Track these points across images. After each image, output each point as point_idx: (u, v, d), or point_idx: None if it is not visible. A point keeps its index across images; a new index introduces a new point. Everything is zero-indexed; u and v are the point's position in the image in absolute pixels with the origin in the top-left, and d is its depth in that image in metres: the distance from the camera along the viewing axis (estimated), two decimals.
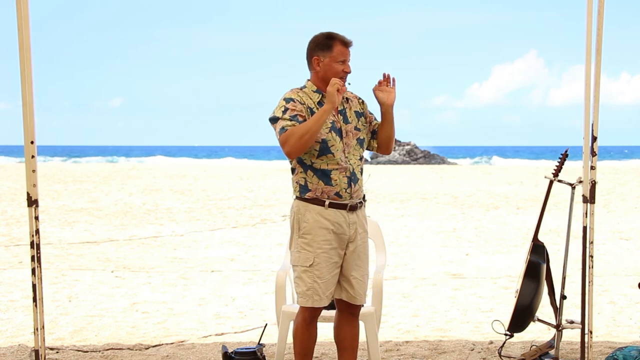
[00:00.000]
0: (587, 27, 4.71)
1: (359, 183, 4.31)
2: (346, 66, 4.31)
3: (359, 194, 4.34)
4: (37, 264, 4.80)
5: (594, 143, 4.79)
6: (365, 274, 4.40)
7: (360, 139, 4.37)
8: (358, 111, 4.41)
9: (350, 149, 4.31)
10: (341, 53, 4.28)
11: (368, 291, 5.02)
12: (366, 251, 4.41)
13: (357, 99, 4.47)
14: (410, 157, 50.03)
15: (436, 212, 16.82)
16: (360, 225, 4.35)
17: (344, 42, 4.29)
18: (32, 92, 4.67)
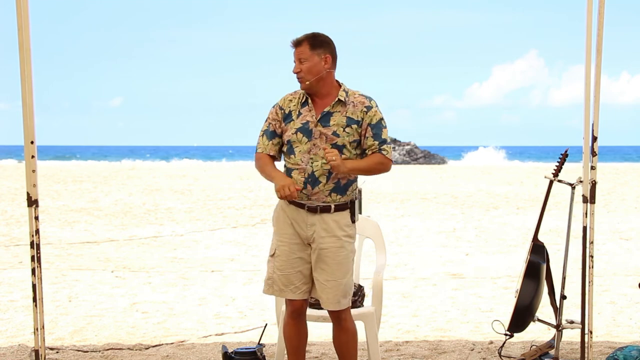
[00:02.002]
0: (587, 27, 4.71)
1: (319, 187, 4.21)
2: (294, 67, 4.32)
3: (320, 197, 4.22)
4: (37, 264, 4.80)
5: (594, 143, 4.79)
6: (332, 279, 4.23)
7: (338, 144, 4.21)
8: (353, 118, 4.23)
9: (319, 151, 4.21)
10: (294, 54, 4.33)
11: (368, 291, 5.03)
12: (335, 257, 4.23)
13: (362, 105, 4.26)
14: (410, 157, 50.02)
15: (436, 212, 16.82)
16: (324, 229, 4.23)
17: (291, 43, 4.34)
18: (32, 92, 4.67)
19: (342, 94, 4.28)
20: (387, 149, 4.27)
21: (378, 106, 4.32)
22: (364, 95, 4.31)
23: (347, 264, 4.28)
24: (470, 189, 23.11)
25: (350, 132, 4.23)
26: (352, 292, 4.36)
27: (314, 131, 4.24)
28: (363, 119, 4.24)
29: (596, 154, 4.81)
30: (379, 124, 4.26)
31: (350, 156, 4.24)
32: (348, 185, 4.27)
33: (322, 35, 4.31)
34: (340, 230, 4.25)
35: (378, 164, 4.25)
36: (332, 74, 4.31)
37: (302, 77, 4.25)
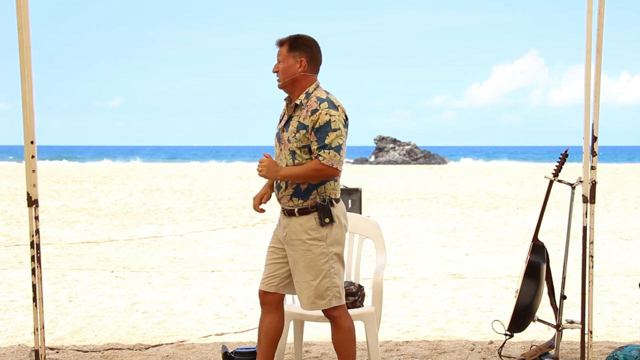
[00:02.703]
0: (587, 27, 4.71)
1: (282, 192, 4.29)
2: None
3: (284, 201, 4.29)
4: (37, 264, 4.80)
5: (594, 143, 4.79)
6: (303, 281, 4.28)
7: (291, 150, 4.23)
8: (303, 123, 4.21)
9: (282, 157, 4.30)
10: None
11: (368, 291, 5.03)
12: (303, 260, 4.26)
13: (310, 108, 4.20)
14: (410, 157, 50.04)
15: (436, 212, 16.82)
16: (292, 232, 4.27)
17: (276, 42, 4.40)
18: (32, 92, 4.67)
19: (302, 97, 4.28)
20: (324, 154, 4.15)
21: (332, 108, 4.19)
22: (318, 98, 4.23)
23: (317, 267, 4.25)
24: (470, 189, 23.11)
25: (299, 138, 4.21)
26: (333, 293, 4.29)
27: (281, 136, 4.33)
28: (309, 124, 4.20)
29: (596, 154, 4.81)
30: (324, 127, 4.16)
31: (301, 162, 4.23)
32: (310, 190, 4.24)
33: (305, 39, 4.34)
34: (305, 233, 4.25)
35: (312, 170, 4.17)
36: (308, 77, 4.31)
37: (279, 77, 4.34)
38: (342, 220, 4.34)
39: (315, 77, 4.35)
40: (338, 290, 4.33)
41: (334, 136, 4.16)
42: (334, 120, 4.18)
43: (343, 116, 4.23)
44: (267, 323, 4.49)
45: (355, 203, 14.54)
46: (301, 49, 4.29)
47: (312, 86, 4.31)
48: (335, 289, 4.31)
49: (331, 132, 4.16)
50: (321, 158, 4.15)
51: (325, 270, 4.26)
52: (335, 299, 4.31)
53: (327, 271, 4.27)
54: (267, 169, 4.22)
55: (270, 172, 4.22)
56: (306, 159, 4.22)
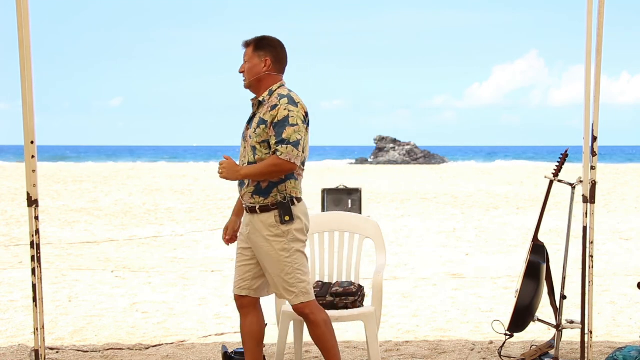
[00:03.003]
0: (587, 27, 4.71)
1: (244, 189, 4.35)
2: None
3: (246, 198, 4.34)
4: (37, 264, 4.80)
5: (594, 143, 4.79)
6: (269, 273, 4.33)
7: (252, 145, 4.30)
8: (263, 118, 4.28)
9: (245, 154, 4.37)
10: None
11: (368, 291, 5.03)
12: (266, 255, 4.31)
13: (271, 104, 4.27)
14: (410, 157, 50.05)
15: (436, 212, 16.82)
16: (254, 229, 4.32)
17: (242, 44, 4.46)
18: (32, 92, 4.67)
19: (265, 94, 4.34)
20: (281, 149, 4.19)
21: (292, 104, 4.24)
22: (279, 95, 4.29)
23: (280, 263, 4.29)
24: (470, 189, 23.12)
25: (259, 133, 4.27)
26: (299, 289, 4.30)
27: (245, 134, 4.41)
28: (268, 119, 4.25)
29: (596, 154, 4.81)
30: (282, 122, 4.21)
31: (261, 157, 4.27)
32: (270, 188, 4.28)
33: (269, 39, 4.42)
34: (266, 230, 4.30)
35: (270, 166, 4.21)
36: (273, 76, 4.37)
37: (244, 76, 4.40)
38: (303, 219, 4.35)
39: (280, 77, 4.41)
40: (304, 286, 4.32)
41: (291, 131, 4.20)
42: (293, 115, 4.22)
43: (302, 112, 4.28)
44: (248, 325, 4.49)
45: (355, 203, 14.54)
46: (266, 49, 4.37)
47: (276, 85, 4.37)
48: (300, 285, 4.31)
49: (289, 127, 4.21)
50: (279, 153, 4.20)
51: (289, 265, 4.29)
52: (303, 295, 4.31)
53: (290, 266, 4.29)
54: (227, 170, 4.26)
55: (230, 172, 4.26)
56: (266, 154, 4.27)
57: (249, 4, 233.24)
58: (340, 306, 4.87)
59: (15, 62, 4.60)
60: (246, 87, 4.42)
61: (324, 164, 50.61)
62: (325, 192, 14.65)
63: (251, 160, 4.31)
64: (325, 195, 14.56)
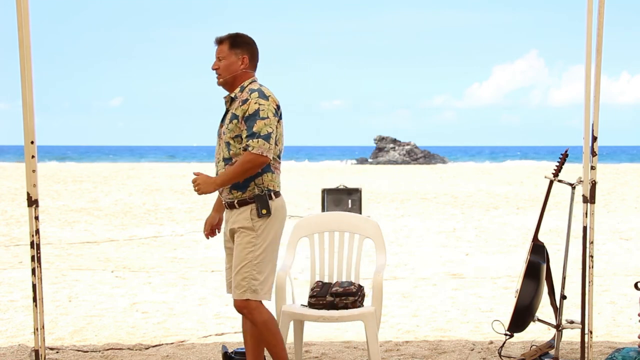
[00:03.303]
0: (587, 27, 4.71)
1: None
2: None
3: (225, 194, 4.35)
4: (37, 264, 4.80)
5: (594, 143, 4.79)
6: (236, 268, 4.29)
7: (226, 141, 4.31)
8: (235, 113, 4.29)
9: (219, 150, 4.38)
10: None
11: (368, 291, 5.03)
12: (238, 248, 4.29)
13: (242, 99, 4.29)
14: (410, 157, 50.05)
15: (436, 212, 16.82)
16: (233, 223, 4.33)
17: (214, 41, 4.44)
18: (32, 92, 4.67)
19: (236, 90, 4.35)
20: (253, 143, 4.18)
21: (262, 98, 4.25)
22: (251, 89, 4.30)
23: (240, 255, 4.28)
24: (470, 189, 23.12)
25: (231, 128, 4.28)
26: (249, 285, 4.26)
27: (219, 131, 4.42)
28: (240, 113, 4.26)
29: (596, 154, 4.81)
30: (253, 115, 4.21)
31: (236, 151, 4.28)
32: (248, 182, 4.28)
33: (244, 36, 4.43)
34: (240, 223, 4.30)
35: (244, 163, 4.19)
36: (247, 74, 4.39)
37: (220, 74, 4.39)
38: (280, 215, 4.35)
39: (253, 73, 4.43)
40: (255, 284, 4.27)
41: (262, 124, 4.20)
42: (263, 109, 4.23)
43: (274, 105, 4.27)
44: (247, 322, 4.47)
45: (355, 203, 14.55)
46: (243, 47, 4.39)
47: (247, 80, 4.37)
48: (253, 282, 4.26)
49: (259, 120, 4.20)
50: (250, 147, 4.19)
51: (248, 259, 4.26)
52: (250, 292, 4.27)
53: (249, 261, 4.26)
54: (202, 184, 4.25)
55: (206, 185, 4.25)
56: (239, 148, 4.28)
57: (249, 4, 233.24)
58: (340, 306, 4.87)
59: (15, 62, 4.60)
60: (220, 85, 4.41)
61: (324, 164, 50.60)
62: (325, 192, 14.65)
63: (226, 156, 4.31)
64: (325, 195, 14.57)
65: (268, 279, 4.33)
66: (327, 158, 66.11)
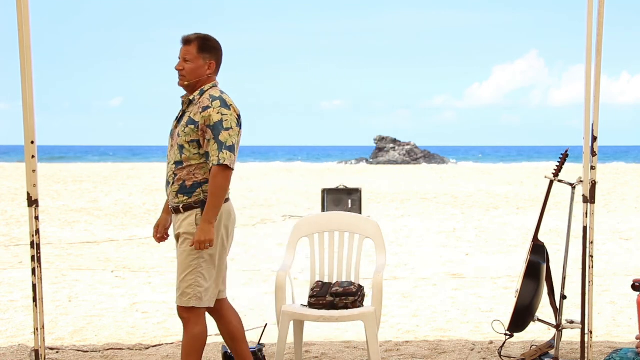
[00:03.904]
0: (588, 27, 4.71)
1: (170, 188, 4.26)
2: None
3: (171, 198, 4.26)
4: (37, 264, 4.80)
5: (594, 143, 4.79)
6: (180, 275, 4.22)
7: (180, 144, 4.21)
8: (193, 118, 4.19)
9: (171, 153, 4.29)
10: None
11: (368, 291, 5.03)
12: (182, 255, 4.22)
13: (202, 105, 4.19)
14: (410, 157, 50.05)
15: (436, 212, 16.82)
16: (178, 228, 4.24)
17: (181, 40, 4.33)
18: (32, 92, 4.67)
19: (195, 94, 4.26)
20: (223, 155, 4.11)
21: (225, 107, 4.17)
22: (211, 96, 4.21)
23: (185, 263, 4.21)
24: (470, 189, 23.11)
25: (188, 132, 4.19)
26: (195, 292, 4.21)
27: (173, 132, 4.33)
28: (199, 120, 4.16)
29: (596, 154, 4.81)
30: (217, 125, 4.13)
31: (190, 155, 4.19)
32: (195, 187, 4.21)
33: (213, 40, 4.33)
34: (184, 228, 4.22)
35: (218, 179, 4.11)
36: (211, 79, 4.32)
37: (184, 75, 4.27)
38: (224, 221, 4.27)
39: (215, 78, 4.34)
40: (200, 291, 4.22)
41: (227, 135, 4.14)
42: (227, 119, 4.16)
43: (235, 115, 4.21)
44: (221, 326, 4.46)
45: (355, 203, 14.55)
46: (211, 52, 4.29)
47: (208, 85, 4.29)
48: (198, 289, 4.21)
49: (224, 131, 4.14)
50: (221, 160, 4.10)
51: (193, 267, 4.20)
52: (195, 299, 4.22)
53: (194, 268, 4.20)
54: (202, 238, 4.10)
55: (207, 235, 4.11)
56: (194, 153, 4.19)
57: (249, 4, 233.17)
58: (340, 306, 4.87)
59: (15, 62, 4.60)
60: (182, 86, 4.31)
61: (324, 164, 50.60)
62: (325, 192, 14.65)
63: (177, 160, 4.22)
64: (325, 195, 14.57)
65: (212, 286, 4.28)
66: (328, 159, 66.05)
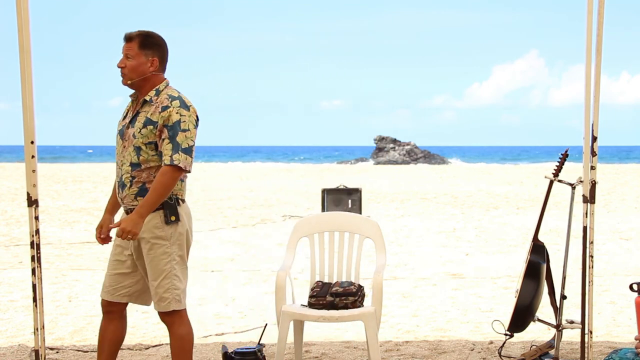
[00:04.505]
0: (587, 27, 4.71)
1: (126, 190, 4.19)
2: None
3: (128, 201, 4.19)
4: (37, 264, 4.80)
5: (594, 143, 4.79)
6: (155, 281, 4.17)
7: (136, 146, 4.13)
8: (151, 119, 4.12)
9: (125, 154, 4.18)
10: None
11: (368, 291, 5.03)
12: (147, 259, 4.18)
13: (161, 105, 4.13)
14: (410, 157, 50.07)
15: (436, 212, 16.82)
16: (145, 232, 4.14)
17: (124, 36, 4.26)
18: (32, 92, 4.67)
19: (151, 93, 4.20)
20: (177, 157, 4.07)
21: (184, 108, 4.14)
22: (169, 96, 4.17)
23: (158, 267, 4.17)
24: (470, 189, 23.11)
25: (145, 134, 4.12)
26: (173, 295, 4.19)
27: (125, 133, 4.21)
28: (158, 120, 4.11)
29: (596, 154, 4.81)
30: (174, 126, 4.09)
31: (148, 157, 4.14)
32: None
33: (155, 37, 4.27)
34: (149, 232, 4.14)
35: (167, 178, 4.06)
36: (158, 76, 4.27)
37: (125, 74, 4.21)
38: (186, 221, 4.25)
39: (163, 75, 4.31)
40: (178, 293, 4.20)
41: (184, 137, 4.10)
42: (184, 120, 4.12)
43: (194, 117, 4.18)
44: (112, 331, 4.39)
45: (355, 203, 14.55)
46: (153, 48, 4.24)
47: (162, 84, 4.25)
48: (175, 292, 4.19)
49: (181, 132, 4.10)
50: (176, 161, 4.06)
51: (167, 271, 4.17)
52: (175, 302, 4.20)
53: (168, 272, 4.17)
54: (129, 228, 4.04)
55: (134, 226, 4.04)
56: (152, 155, 4.13)
57: (249, 4, 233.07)
58: (340, 306, 4.87)
59: (15, 62, 4.60)
60: (126, 84, 4.23)
61: (324, 164, 50.60)
62: (325, 192, 14.65)
63: (134, 162, 4.15)
64: (325, 195, 14.57)
65: (186, 285, 4.28)
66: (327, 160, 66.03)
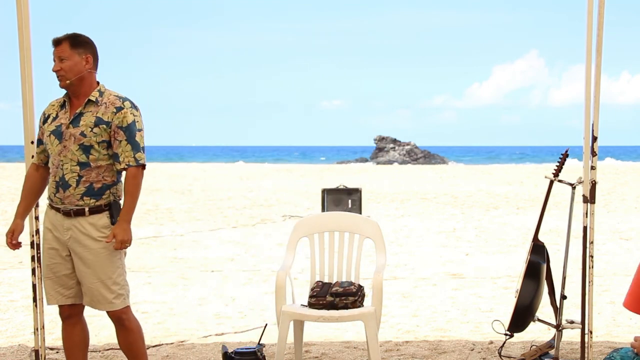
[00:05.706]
0: (588, 27, 4.72)
1: (70, 190, 4.21)
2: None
3: (72, 201, 4.21)
4: (37, 264, 4.80)
5: (594, 143, 4.79)
6: (97, 281, 4.23)
7: (86, 145, 4.15)
8: (102, 118, 4.17)
9: (68, 153, 4.18)
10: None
11: (368, 291, 5.03)
12: (96, 258, 4.20)
13: (113, 105, 4.19)
14: (410, 157, 50.09)
15: (436, 212, 16.82)
16: (81, 232, 4.19)
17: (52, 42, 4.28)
18: (32, 92, 4.68)
19: (95, 94, 4.23)
20: (139, 156, 4.19)
21: (134, 109, 4.23)
22: (118, 96, 4.23)
23: (110, 264, 4.23)
24: (470, 189, 23.11)
25: (98, 132, 4.16)
26: (126, 291, 4.34)
27: (65, 133, 4.21)
28: (112, 120, 4.17)
29: (596, 154, 4.81)
30: (131, 127, 4.18)
31: (99, 156, 4.18)
32: (103, 190, 4.21)
33: (82, 36, 4.30)
34: (98, 232, 4.20)
35: (137, 179, 4.19)
36: (93, 74, 4.29)
37: (63, 75, 4.21)
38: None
39: (96, 74, 4.32)
40: (128, 289, 4.38)
41: (140, 136, 4.22)
42: (137, 120, 4.24)
43: (140, 116, 4.28)
44: (77, 334, 4.46)
45: (355, 203, 14.55)
46: (85, 46, 4.26)
47: (101, 84, 4.29)
48: (126, 287, 4.36)
49: (137, 132, 4.21)
50: (140, 160, 4.18)
51: (119, 268, 4.28)
52: (127, 297, 4.38)
53: (119, 269, 4.28)
54: (121, 237, 4.16)
55: (127, 234, 4.18)
56: (104, 154, 4.18)
57: (249, 4, 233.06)
58: (340, 306, 4.87)
59: (15, 62, 4.61)
60: (64, 87, 4.25)
61: (323, 164, 50.57)
62: (325, 192, 14.65)
63: (83, 161, 4.17)
64: (325, 195, 14.57)
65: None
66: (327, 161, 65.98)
